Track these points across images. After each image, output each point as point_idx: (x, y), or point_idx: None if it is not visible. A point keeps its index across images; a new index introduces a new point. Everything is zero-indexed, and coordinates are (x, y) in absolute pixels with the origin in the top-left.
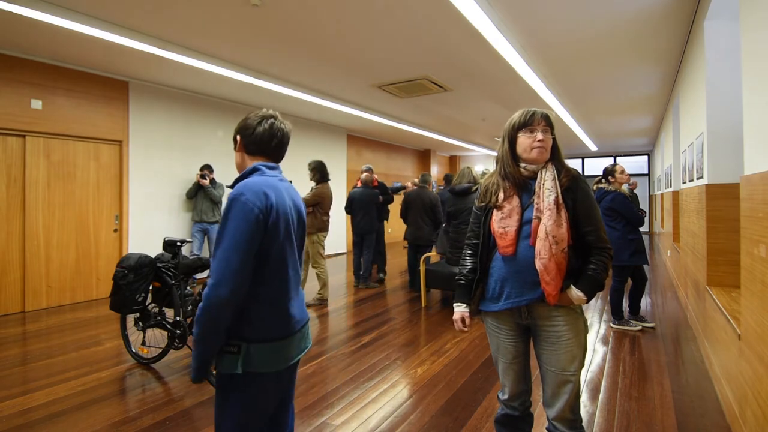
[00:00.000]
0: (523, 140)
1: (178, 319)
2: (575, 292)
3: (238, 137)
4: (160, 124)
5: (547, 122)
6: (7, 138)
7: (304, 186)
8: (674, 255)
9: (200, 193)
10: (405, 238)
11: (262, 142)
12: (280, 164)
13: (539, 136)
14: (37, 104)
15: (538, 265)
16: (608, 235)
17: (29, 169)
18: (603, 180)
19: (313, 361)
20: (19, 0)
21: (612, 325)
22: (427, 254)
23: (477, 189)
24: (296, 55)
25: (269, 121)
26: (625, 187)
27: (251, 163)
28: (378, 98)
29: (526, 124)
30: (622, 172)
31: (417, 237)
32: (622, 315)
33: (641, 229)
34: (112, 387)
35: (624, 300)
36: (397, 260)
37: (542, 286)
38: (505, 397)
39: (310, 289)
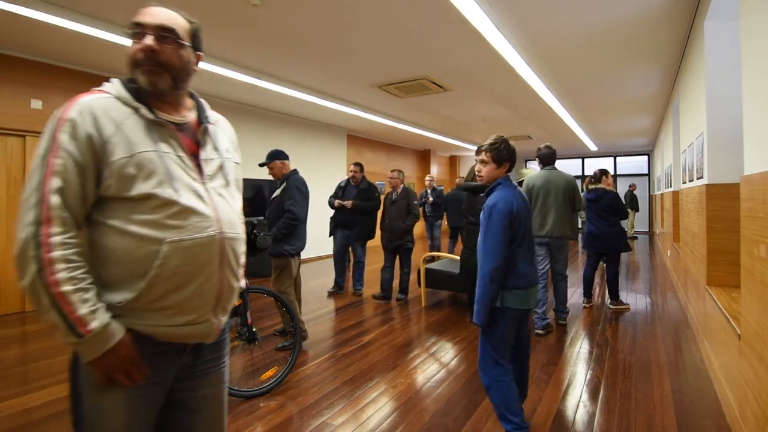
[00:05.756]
0: None
1: None
2: None
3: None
4: None
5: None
6: (7, 138)
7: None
8: (674, 255)
9: None
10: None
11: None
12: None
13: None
14: (37, 104)
15: None
16: (609, 230)
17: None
18: (594, 181)
19: (313, 361)
20: (19, 0)
21: (610, 306)
22: (428, 254)
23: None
24: (296, 55)
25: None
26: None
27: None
28: (378, 98)
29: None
30: (609, 177)
31: None
32: (618, 296)
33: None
34: None
35: (597, 285)
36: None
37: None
38: None
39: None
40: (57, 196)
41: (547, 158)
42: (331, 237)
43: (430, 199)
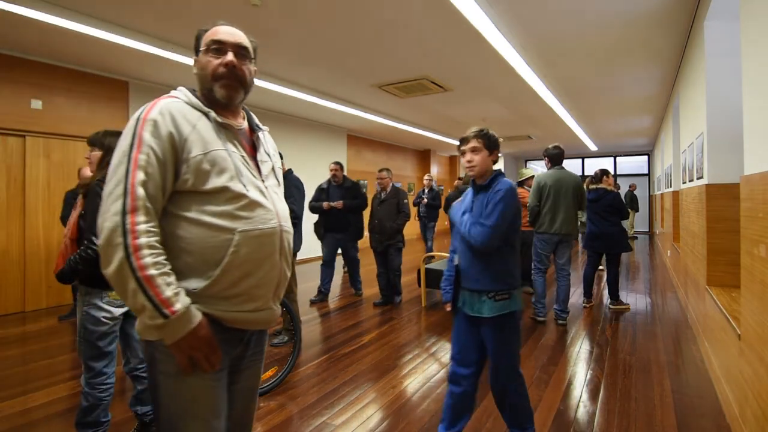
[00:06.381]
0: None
1: None
2: None
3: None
4: None
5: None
6: (7, 138)
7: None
8: (674, 255)
9: None
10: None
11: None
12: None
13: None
14: (37, 104)
15: None
16: (611, 230)
17: (29, 169)
18: (595, 181)
19: (313, 361)
20: (19, 0)
21: (610, 306)
22: (427, 254)
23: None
24: (296, 55)
25: None
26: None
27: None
28: (378, 98)
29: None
30: (610, 177)
31: None
32: (618, 296)
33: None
34: None
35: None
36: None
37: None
38: None
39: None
40: (141, 188)
41: (557, 158)
42: (320, 242)
43: (425, 200)
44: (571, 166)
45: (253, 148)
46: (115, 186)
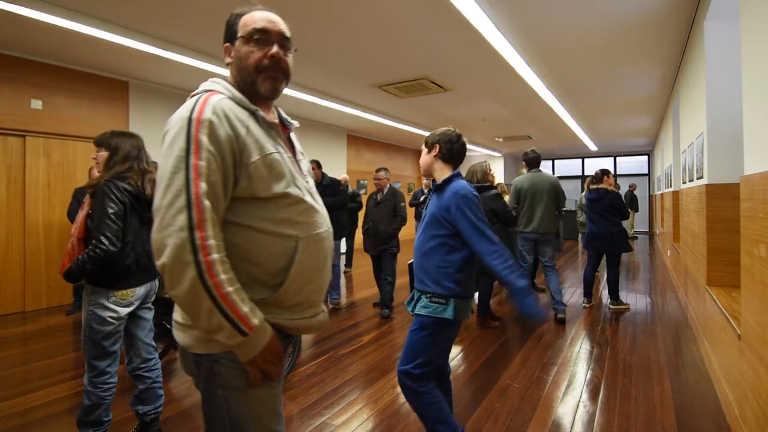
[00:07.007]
0: None
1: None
2: None
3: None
4: (160, 124)
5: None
6: (7, 138)
7: None
8: (674, 255)
9: None
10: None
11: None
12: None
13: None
14: (37, 104)
15: None
16: (611, 230)
17: (29, 169)
18: (595, 181)
19: (314, 361)
20: (19, 0)
21: (610, 305)
22: None
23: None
24: (296, 55)
25: (463, 139)
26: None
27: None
28: (378, 98)
29: None
30: (610, 177)
31: None
32: (618, 296)
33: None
34: None
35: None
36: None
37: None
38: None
39: None
40: (207, 199)
41: (534, 162)
42: None
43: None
44: (571, 166)
45: (291, 147)
46: (174, 197)
